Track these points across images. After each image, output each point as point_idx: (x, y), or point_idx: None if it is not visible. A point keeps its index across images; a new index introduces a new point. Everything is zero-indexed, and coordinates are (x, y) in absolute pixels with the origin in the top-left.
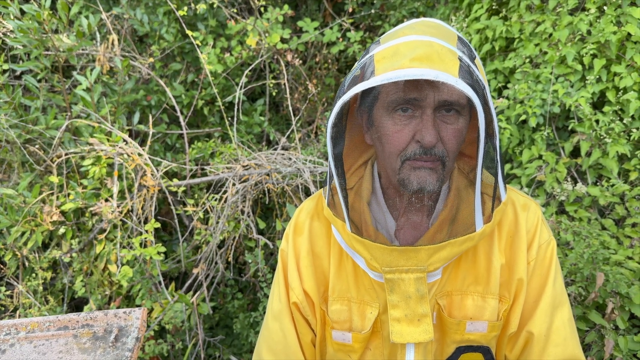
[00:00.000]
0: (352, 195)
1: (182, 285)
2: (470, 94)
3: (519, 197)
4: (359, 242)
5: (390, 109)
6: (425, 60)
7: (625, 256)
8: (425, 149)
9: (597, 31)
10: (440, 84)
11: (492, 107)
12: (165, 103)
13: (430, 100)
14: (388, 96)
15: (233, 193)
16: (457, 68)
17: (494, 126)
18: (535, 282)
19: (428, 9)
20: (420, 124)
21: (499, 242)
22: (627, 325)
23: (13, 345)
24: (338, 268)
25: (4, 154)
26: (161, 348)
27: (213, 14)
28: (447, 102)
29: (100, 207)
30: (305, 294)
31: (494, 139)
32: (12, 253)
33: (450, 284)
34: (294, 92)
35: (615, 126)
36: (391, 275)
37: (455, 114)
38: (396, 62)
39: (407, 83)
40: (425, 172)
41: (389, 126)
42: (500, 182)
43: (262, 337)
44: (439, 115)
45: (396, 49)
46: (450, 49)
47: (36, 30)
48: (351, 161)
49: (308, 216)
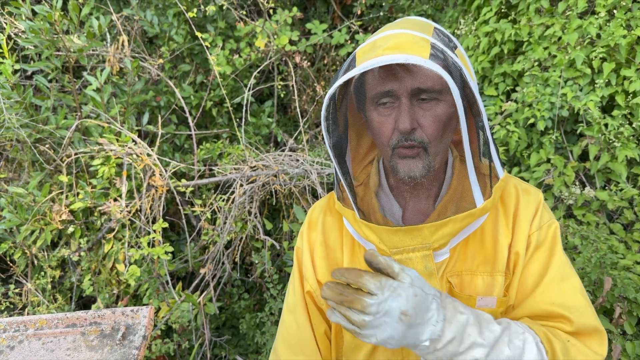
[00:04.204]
0: (361, 188)
1: (189, 285)
2: (439, 71)
3: (522, 183)
4: (367, 227)
5: (374, 103)
6: (397, 48)
7: (634, 261)
8: (405, 135)
9: (606, 35)
10: (412, 72)
11: (474, 88)
12: (174, 104)
13: (405, 89)
14: (371, 90)
15: (240, 194)
16: (428, 52)
17: (478, 106)
18: (539, 259)
19: (437, 11)
20: (398, 113)
21: (506, 221)
22: (635, 330)
23: (22, 342)
24: (351, 258)
25: (15, 153)
26: (168, 347)
27: (222, 15)
28: (421, 89)
29: (109, 207)
30: (319, 284)
31: (480, 118)
32: (22, 251)
33: (460, 264)
34: (302, 93)
35: (625, 130)
36: (399, 256)
37: (435, 101)
38: (372, 53)
39: (383, 74)
40: (409, 161)
41: (376, 118)
42: (495, 159)
43: (278, 332)
44: (417, 103)
45: (374, 43)
46: (422, 37)
47: (47, 30)
48: (360, 159)
49: (321, 212)
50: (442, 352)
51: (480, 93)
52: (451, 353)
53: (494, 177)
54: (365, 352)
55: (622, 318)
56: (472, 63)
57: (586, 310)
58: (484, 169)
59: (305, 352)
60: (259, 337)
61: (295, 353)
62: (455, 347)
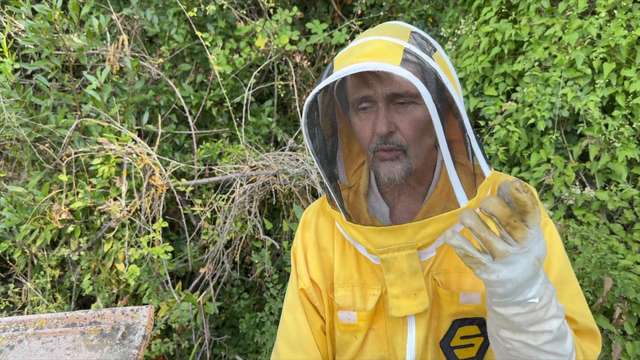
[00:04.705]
0: (351, 190)
1: (189, 284)
2: (408, 77)
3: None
4: (354, 229)
5: (355, 107)
6: (369, 55)
7: (634, 261)
8: (383, 138)
9: (607, 35)
10: (385, 79)
11: (452, 89)
12: (174, 103)
13: (380, 94)
14: (350, 96)
15: (240, 193)
16: (399, 58)
17: (457, 107)
18: None
19: (437, 11)
20: (376, 117)
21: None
22: (635, 330)
23: (21, 342)
24: (342, 257)
25: (15, 152)
26: (167, 347)
27: (222, 15)
28: (396, 94)
29: (108, 206)
30: (312, 282)
31: (460, 118)
32: (21, 251)
33: (447, 262)
34: (302, 93)
35: (625, 130)
36: (385, 255)
37: (412, 104)
38: (347, 61)
39: (357, 81)
40: (389, 164)
41: (357, 123)
42: (480, 158)
43: (278, 331)
44: (394, 107)
45: (350, 51)
46: (396, 43)
47: (47, 30)
48: (351, 162)
49: (314, 213)
50: (532, 316)
51: (480, 93)
52: (538, 319)
53: (479, 176)
54: (354, 349)
55: (622, 318)
56: (472, 63)
57: (585, 312)
58: (469, 169)
59: (304, 349)
60: (258, 337)
61: (295, 350)
62: (543, 314)
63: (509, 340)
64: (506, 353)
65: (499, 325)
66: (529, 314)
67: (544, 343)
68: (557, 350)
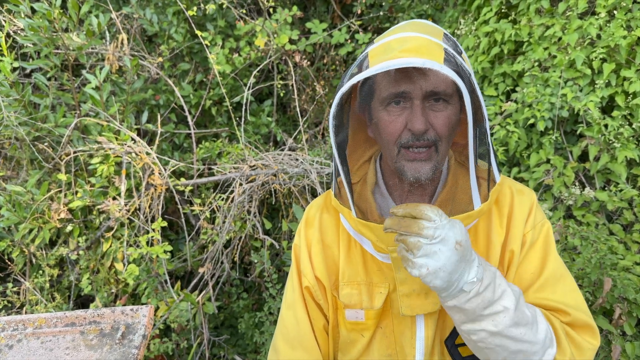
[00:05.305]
0: (358, 186)
1: (187, 284)
2: (454, 77)
3: (516, 183)
4: (365, 226)
5: (385, 103)
6: (413, 51)
7: (633, 262)
8: (417, 135)
9: (607, 35)
10: (427, 76)
11: (480, 94)
12: (173, 103)
13: (419, 91)
14: (383, 91)
15: (240, 193)
16: (442, 57)
17: (482, 112)
18: (534, 257)
19: (437, 11)
20: (411, 114)
21: (500, 221)
22: (635, 331)
23: (20, 341)
24: (347, 255)
25: (13, 151)
26: (166, 347)
27: (222, 14)
28: (434, 92)
29: (107, 205)
30: (317, 280)
31: (483, 124)
32: (20, 250)
33: None
34: (302, 93)
35: (625, 131)
36: (396, 254)
37: (444, 103)
38: (386, 55)
39: (398, 76)
40: (418, 164)
41: (385, 117)
42: (493, 164)
43: (277, 329)
44: (429, 105)
45: (388, 45)
46: (436, 42)
47: (46, 28)
48: (357, 157)
49: (318, 210)
50: (481, 298)
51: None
52: (488, 300)
53: (492, 181)
54: (360, 348)
55: (621, 319)
56: (472, 63)
57: (580, 307)
58: (483, 173)
59: (304, 347)
60: (257, 337)
61: (294, 348)
62: (491, 294)
63: (474, 332)
64: (479, 349)
65: (459, 321)
66: (477, 297)
67: (506, 327)
68: (524, 337)
